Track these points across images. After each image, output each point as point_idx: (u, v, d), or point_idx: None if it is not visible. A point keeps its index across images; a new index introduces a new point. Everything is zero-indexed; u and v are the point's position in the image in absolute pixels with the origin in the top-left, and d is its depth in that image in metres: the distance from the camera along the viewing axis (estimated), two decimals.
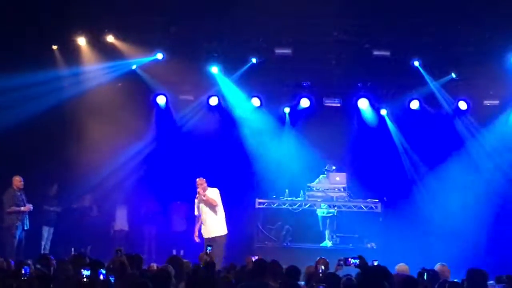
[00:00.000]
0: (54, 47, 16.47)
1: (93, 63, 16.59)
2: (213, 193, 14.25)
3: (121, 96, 17.33)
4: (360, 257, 9.26)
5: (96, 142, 17.56)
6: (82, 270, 7.53)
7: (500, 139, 17.27)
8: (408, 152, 17.94)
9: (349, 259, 9.30)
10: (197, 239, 14.21)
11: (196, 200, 14.35)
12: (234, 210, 16.39)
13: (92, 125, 17.50)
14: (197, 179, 14.22)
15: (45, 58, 16.12)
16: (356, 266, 9.09)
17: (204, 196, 14.12)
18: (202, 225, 14.27)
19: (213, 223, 14.18)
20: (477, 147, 17.38)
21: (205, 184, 14.21)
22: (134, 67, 17.04)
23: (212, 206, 14.13)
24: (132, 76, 17.19)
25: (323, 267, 9.13)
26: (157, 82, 17.52)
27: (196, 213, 14.40)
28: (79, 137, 17.77)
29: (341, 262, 9.37)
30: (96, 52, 16.47)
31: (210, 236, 14.09)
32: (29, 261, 9.98)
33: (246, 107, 18.00)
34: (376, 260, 9.56)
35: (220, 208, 14.27)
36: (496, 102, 17.42)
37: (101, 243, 16.87)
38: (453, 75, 16.73)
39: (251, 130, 18.13)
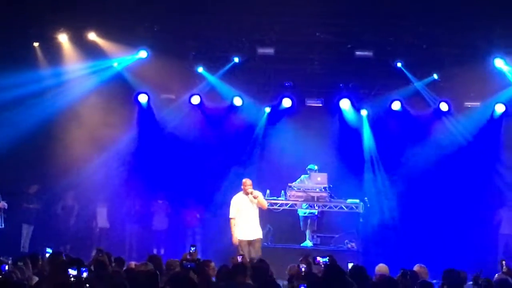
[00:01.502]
0: (35, 44, 16.32)
1: (75, 61, 16.47)
2: (261, 195, 14.24)
3: (103, 95, 17.23)
4: (329, 256, 9.35)
5: (77, 140, 17.46)
6: (69, 269, 7.49)
7: (479, 140, 17.37)
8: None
9: (318, 258, 9.36)
10: (237, 242, 13.94)
11: (236, 201, 14.13)
12: (217, 209, 16.42)
13: (73, 123, 17.40)
14: (246, 180, 14.14)
15: (26, 55, 15.99)
16: (325, 265, 9.12)
17: (256, 197, 14.00)
18: (238, 226, 13.97)
19: (256, 225, 14.10)
20: (457, 147, 17.44)
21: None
22: (115, 65, 16.94)
23: (258, 208, 14.10)
24: (113, 75, 17.07)
25: (305, 266, 9.15)
26: (138, 80, 17.42)
27: (233, 215, 14.06)
28: (59, 136, 17.64)
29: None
30: (78, 50, 16.34)
31: (251, 239, 13.99)
32: (9, 260, 9.89)
33: (228, 106, 17.96)
34: (351, 262, 9.59)
35: None
36: (477, 103, 17.50)
37: (81, 241, 16.80)
38: (435, 76, 16.81)
39: (232, 129, 18.11)
